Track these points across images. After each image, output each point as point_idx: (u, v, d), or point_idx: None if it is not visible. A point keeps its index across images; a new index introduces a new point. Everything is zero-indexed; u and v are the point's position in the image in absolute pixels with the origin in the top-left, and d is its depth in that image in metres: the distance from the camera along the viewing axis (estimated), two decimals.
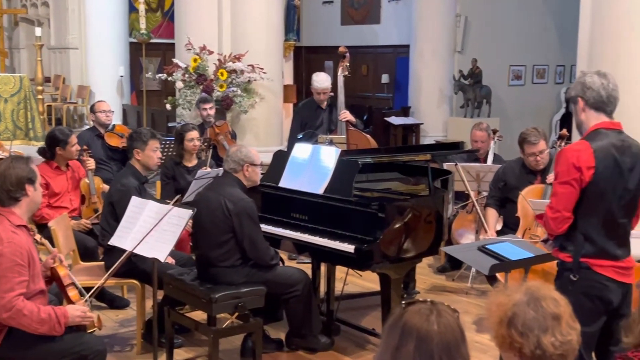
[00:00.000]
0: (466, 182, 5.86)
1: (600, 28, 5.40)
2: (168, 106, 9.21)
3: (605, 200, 3.19)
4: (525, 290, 1.95)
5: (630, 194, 3.25)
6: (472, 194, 5.96)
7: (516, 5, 12.33)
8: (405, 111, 12.17)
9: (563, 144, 5.40)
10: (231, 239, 4.26)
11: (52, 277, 3.65)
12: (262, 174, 4.87)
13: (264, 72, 8.58)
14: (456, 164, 5.85)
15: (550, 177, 5.14)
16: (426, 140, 11.74)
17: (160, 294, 4.55)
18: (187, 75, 8.77)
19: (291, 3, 9.75)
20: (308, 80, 7.13)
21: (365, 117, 12.20)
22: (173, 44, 9.59)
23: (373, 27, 13.56)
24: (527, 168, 5.64)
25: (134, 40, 12.61)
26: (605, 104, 3.26)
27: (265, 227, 4.55)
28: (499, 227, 5.79)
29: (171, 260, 4.70)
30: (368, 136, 6.70)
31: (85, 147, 5.96)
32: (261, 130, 8.92)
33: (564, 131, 5.64)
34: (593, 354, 3.35)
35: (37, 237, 3.77)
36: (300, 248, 4.62)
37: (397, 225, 4.26)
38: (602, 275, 3.21)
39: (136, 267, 4.53)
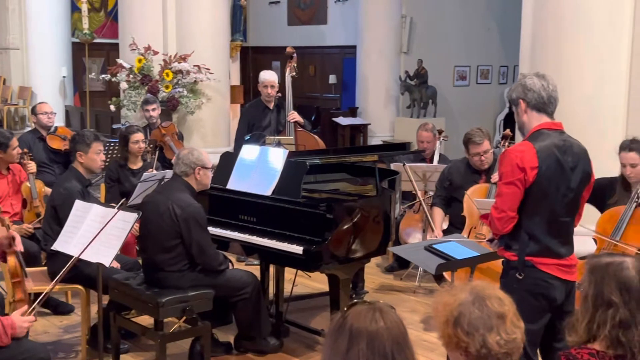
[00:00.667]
0: (413, 182, 5.92)
1: (541, 29, 5.52)
2: (112, 107, 9.07)
3: (548, 199, 3.26)
4: (471, 289, 1.98)
5: (573, 192, 3.32)
6: (419, 193, 6.02)
7: (460, 7, 12.52)
8: (352, 112, 12.23)
9: (507, 144, 5.50)
10: (179, 244, 4.22)
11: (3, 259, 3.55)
12: None
13: (211, 73, 8.52)
14: (404, 164, 5.91)
15: (495, 177, 5.22)
16: (373, 140, 11.84)
17: (105, 299, 4.48)
18: (131, 76, 8.65)
19: (237, 3, 9.70)
20: (255, 80, 7.10)
21: (313, 118, 12.21)
22: (117, 44, 9.45)
23: (320, 28, 13.60)
24: (472, 168, 5.73)
25: (77, 41, 12.37)
26: (546, 104, 3.32)
27: (213, 230, 4.51)
28: (445, 226, 5.86)
29: (117, 265, 4.62)
30: (316, 137, 6.71)
31: (26, 150, 5.82)
32: (208, 131, 8.85)
33: (508, 131, 5.74)
34: (538, 351, 3.42)
35: None
36: (249, 250, 4.60)
37: (345, 226, 4.27)
38: (547, 273, 3.28)
39: (81, 272, 4.44)
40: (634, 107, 5.35)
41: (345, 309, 1.88)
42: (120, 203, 4.32)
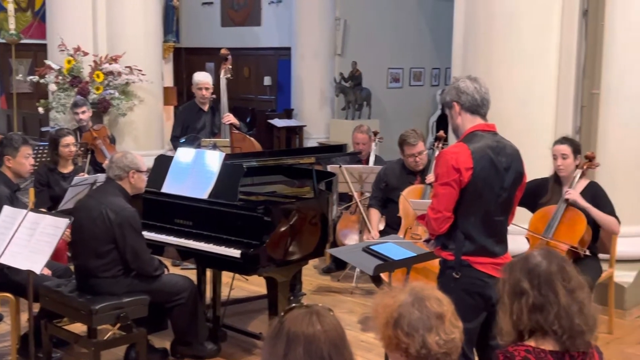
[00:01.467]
0: (350, 184, 5.95)
1: (473, 32, 5.61)
2: (41, 109, 8.81)
3: (483, 199, 3.32)
4: (410, 291, 1.99)
5: (506, 192, 3.39)
6: (355, 195, 6.06)
7: (393, 10, 12.66)
8: (288, 113, 12.23)
9: (440, 145, 5.59)
10: (113, 250, 4.13)
11: None
12: None
13: (143, 74, 8.38)
14: (340, 166, 5.93)
15: (430, 178, 5.30)
16: (309, 142, 11.86)
17: (36, 307, 4.35)
18: (60, 77, 8.43)
19: (170, 4, 9.57)
20: (189, 82, 7.02)
21: (248, 120, 12.15)
22: (45, 45, 9.20)
23: (254, 29, 13.54)
24: (407, 169, 5.80)
25: (3, 41, 11.96)
26: (479, 107, 3.38)
27: (147, 234, 4.44)
28: (381, 227, 5.91)
29: (47, 272, 4.50)
30: (252, 139, 6.67)
31: None
32: (141, 133, 8.70)
33: (441, 132, 5.83)
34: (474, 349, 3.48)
35: None
36: (185, 254, 4.54)
37: (282, 228, 4.26)
38: (482, 272, 3.34)
39: (9, 280, 4.31)
40: (563, 107, 5.50)
41: (282, 313, 1.88)
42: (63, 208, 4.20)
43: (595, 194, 4.76)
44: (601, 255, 4.92)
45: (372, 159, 6.61)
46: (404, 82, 13.31)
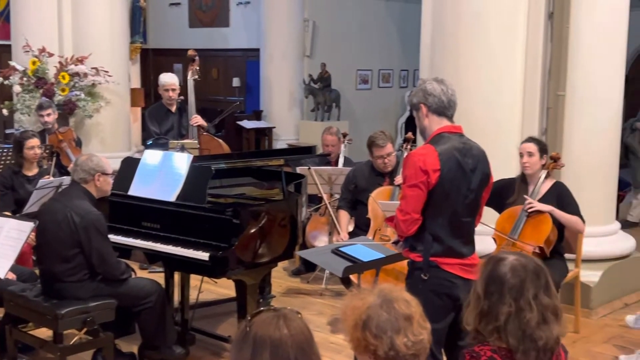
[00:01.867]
0: (319, 185, 5.95)
1: (440, 34, 5.65)
2: (5, 111, 8.66)
3: (450, 200, 3.34)
4: (379, 293, 2.00)
5: (473, 193, 3.42)
6: (324, 196, 6.07)
7: (361, 11, 12.71)
8: (257, 115, 12.20)
9: (409, 146, 5.62)
10: (78, 254, 4.08)
11: None
12: None
13: (109, 75, 8.29)
14: (309, 168, 5.93)
15: (398, 179, 5.33)
16: (278, 143, 11.84)
17: (0, 312, 4.28)
18: (25, 79, 8.29)
19: (136, 4, 9.47)
20: (156, 83, 6.96)
21: (217, 121, 12.05)
22: (9, 46, 9.04)
23: (222, 30, 13.49)
24: (376, 170, 5.82)
25: None
26: (446, 108, 3.41)
27: (114, 238, 4.39)
28: (351, 228, 5.93)
29: (12, 276, 4.43)
30: (220, 141, 6.65)
31: None
32: (107, 135, 8.60)
33: (410, 134, 5.86)
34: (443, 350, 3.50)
35: None
36: (153, 258, 4.50)
37: (252, 231, 4.24)
38: (450, 273, 3.36)
39: None
40: (529, 109, 5.56)
41: (249, 317, 1.87)
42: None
43: (560, 194, 4.82)
44: (567, 255, 4.99)
45: (341, 160, 6.62)
46: (373, 83, 13.36)
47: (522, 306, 2.19)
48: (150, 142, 6.25)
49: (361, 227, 5.75)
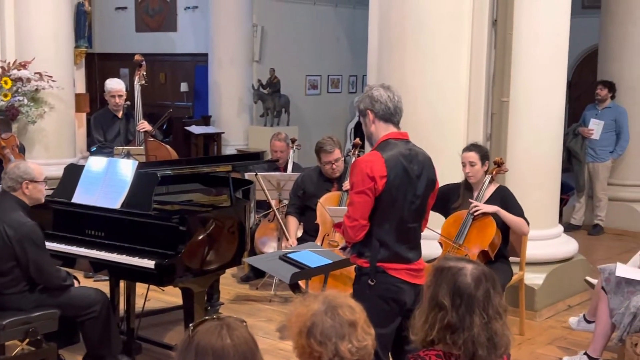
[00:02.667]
0: (267, 191, 5.94)
1: (386, 41, 5.70)
2: None
3: (397, 207, 3.38)
4: (323, 299, 2.01)
5: (419, 199, 3.46)
6: (273, 202, 6.06)
7: (310, 17, 12.76)
8: (205, 120, 12.12)
9: (357, 152, 5.66)
10: (15, 267, 3.99)
11: None
12: (52, 189, 4.62)
13: (53, 80, 8.14)
14: (256, 174, 5.92)
15: (346, 185, 5.36)
16: (228, 149, 11.79)
17: None
18: None
19: (81, 9, 9.31)
20: (102, 88, 6.86)
21: (164, 127, 11.95)
22: None
23: (170, 35, 13.37)
24: (324, 176, 5.84)
25: None
26: (392, 115, 3.45)
27: (57, 246, 4.31)
28: (299, 234, 5.94)
29: None
30: (168, 147, 6.57)
31: None
32: (51, 141, 8.44)
33: (357, 140, 5.90)
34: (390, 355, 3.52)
35: None
36: (97, 266, 4.42)
37: (199, 238, 4.21)
38: (397, 278, 3.39)
39: None
40: (474, 115, 5.64)
41: (192, 326, 1.86)
42: None
43: (504, 198, 4.91)
44: (512, 258, 5.08)
45: (290, 166, 6.62)
46: (322, 89, 13.41)
47: (491, 315, 2.20)
48: (94, 148, 6.15)
49: (310, 233, 5.76)
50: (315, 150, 5.78)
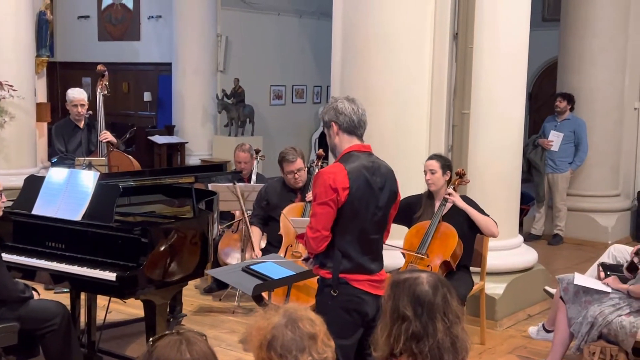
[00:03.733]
0: (242, 202, 5.93)
1: (351, 52, 5.74)
2: None
3: (359, 218, 3.41)
4: (284, 312, 2.02)
5: (381, 211, 3.50)
6: (237, 213, 6.05)
7: (275, 27, 12.79)
8: (169, 130, 12.06)
9: (320, 163, 5.69)
10: None
11: None
12: (12, 200, 4.56)
13: (14, 90, 8.04)
14: (234, 183, 5.93)
15: (309, 195, 5.39)
16: (191, 159, 11.75)
17: None
18: None
19: (43, 17, 9.20)
20: (64, 97, 6.80)
21: (128, 136, 11.83)
22: None
23: (133, 44, 13.29)
24: (287, 187, 5.86)
25: None
26: (356, 128, 3.49)
27: (17, 259, 4.26)
28: (263, 244, 5.94)
29: None
30: (130, 157, 6.54)
31: None
32: (12, 151, 8.33)
33: (321, 151, 5.94)
34: None
35: None
36: (58, 279, 4.37)
37: (161, 249, 4.19)
38: (359, 289, 3.42)
39: None
40: (436, 127, 5.71)
41: (151, 341, 1.86)
42: None
43: (469, 204, 4.99)
44: (473, 269, 5.14)
45: (254, 177, 6.62)
46: (287, 99, 13.44)
47: (452, 319, 2.25)
48: (55, 159, 6.09)
49: (273, 244, 5.77)
50: (278, 161, 5.80)
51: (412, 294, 2.24)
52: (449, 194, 4.88)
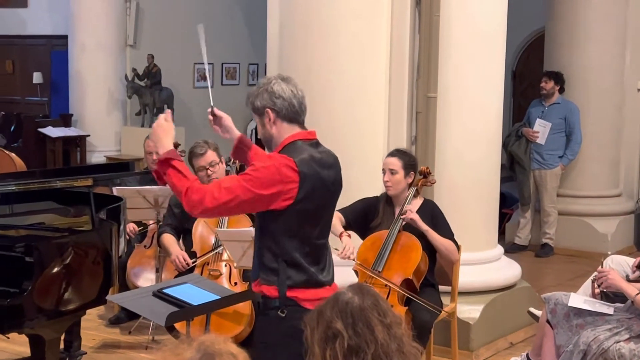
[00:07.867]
0: (146, 210, 5.89)
1: (290, 23, 5.73)
2: None
3: (311, 222, 3.41)
4: (198, 346, 2.02)
5: (333, 209, 3.57)
6: (150, 224, 6.02)
7: None
8: (65, 120, 11.94)
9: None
10: None
11: None
12: None
13: None
14: (116, 187, 5.88)
15: None
16: (94, 156, 11.67)
17: None
18: None
19: None
20: None
21: (12, 129, 11.72)
22: None
23: (18, 12, 13.13)
24: None
25: None
26: (298, 113, 3.46)
27: None
28: None
29: None
30: (12, 155, 6.47)
31: None
32: None
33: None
34: None
35: None
36: None
37: (53, 271, 4.18)
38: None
39: None
40: (396, 113, 5.75)
41: None
42: None
43: (433, 214, 5.02)
44: (442, 288, 5.19)
45: None
46: (215, 80, 13.40)
47: (391, 320, 2.33)
48: None
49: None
50: (188, 157, 5.74)
51: (337, 305, 2.33)
52: (405, 213, 4.87)
